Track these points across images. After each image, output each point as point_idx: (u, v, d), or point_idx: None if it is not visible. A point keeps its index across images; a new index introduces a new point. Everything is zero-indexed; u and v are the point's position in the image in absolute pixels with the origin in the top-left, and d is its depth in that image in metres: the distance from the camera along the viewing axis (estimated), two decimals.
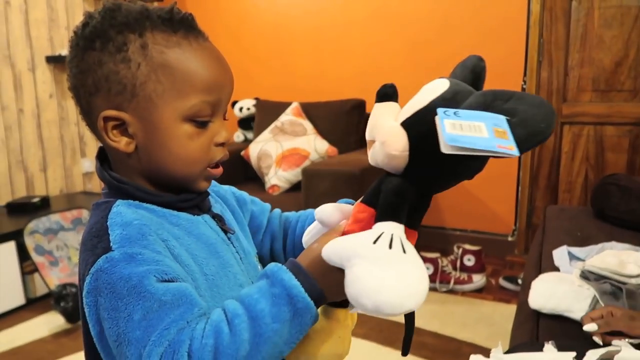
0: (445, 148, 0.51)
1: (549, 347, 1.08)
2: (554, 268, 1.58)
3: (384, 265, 0.52)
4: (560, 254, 1.63)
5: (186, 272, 0.62)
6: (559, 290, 1.33)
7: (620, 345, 1.06)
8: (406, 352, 0.66)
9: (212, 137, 0.66)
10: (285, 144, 2.92)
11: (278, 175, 2.83)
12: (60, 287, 2.36)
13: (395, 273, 0.52)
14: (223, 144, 0.68)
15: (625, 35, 2.62)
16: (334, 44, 3.32)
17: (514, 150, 0.50)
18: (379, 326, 2.18)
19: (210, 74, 0.64)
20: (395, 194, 0.57)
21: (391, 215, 0.56)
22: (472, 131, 0.51)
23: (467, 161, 0.55)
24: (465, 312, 2.38)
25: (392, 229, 0.55)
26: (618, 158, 2.71)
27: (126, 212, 0.63)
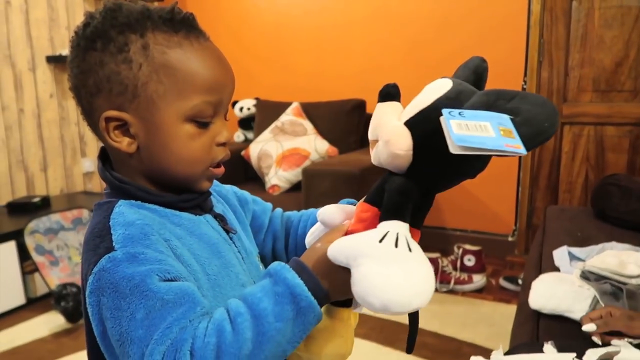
0: (454, 148, 0.51)
1: (548, 347, 1.08)
2: (554, 268, 1.58)
3: (391, 263, 0.52)
4: (560, 254, 1.63)
5: (188, 272, 0.62)
6: (559, 291, 1.33)
7: (620, 344, 1.06)
8: (411, 350, 0.66)
9: (213, 137, 0.66)
10: (285, 144, 2.92)
11: (278, 175, 2.83)
12: (61, 287, 2.37)
13: (402, 272, 0.52)
14: (224, 143, 0.68)
15: (626, 36, 2.62)
16: (335, 43, 3.32)
17: (522, 149, 0.51)
18: (379, 326, 2.17)
19: (211, 74, 0.64)
20: (399, 193, 0.57)
21: (396, 214, 0.56)
22: (479, 131, 0.51)
23: (472, 160, 0.55)
24: (465, 312, 2.38)
25: (397, 227, 0.55)
26: (618, 158, 2.71)
27: (128, 212, 0.63)
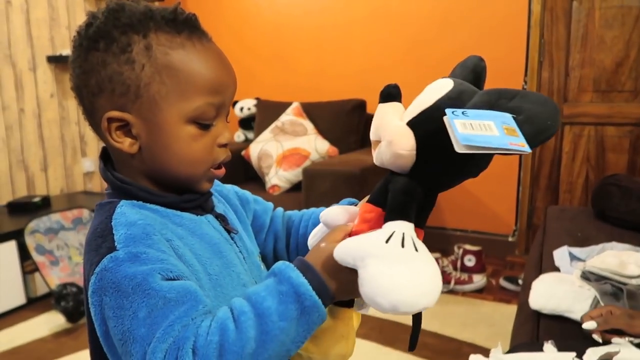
0: (460, 148, 0.51)
1: (548, 346, 1.09)
2: (554, 268, 1.58)
3: (398, 264, 0.52)
4: (560, 255, 1.63)
5: (190, 272, 0.62)
6: (560, 291, 1.33)
7: (620, 343, 1.06)
8: (413, 347, 0.66)
9: (215, 138, 0.66)
10: (285, 144, 2.92)
11: (278, 175, 2.83)
12: (61, 287, 2.37)
13: (409, 272, 0.52)
14: (225, 145, 0.68)
15: (626, 36, 2.62)
16: (335, 43, 3.32)
17: (526, 147, 0.51)
18: (379, 326, 2.18)
19: (213, 75, 0.64)
20: (403, 193, 0.57)
21: (401, 214, 0.56)
22: (483, 130, 0.52)
23: (476, 159, 0.55)
24: (465, 313, 2.38)
25: (402, 227, 0.55)
26: (619, 158, 2.71)
27: (130, 213, 0.63)
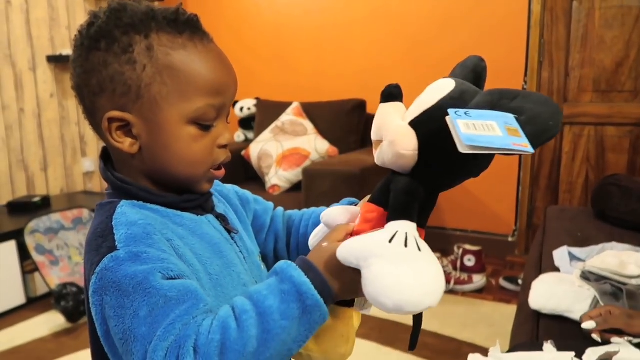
0: (463, 148, 0.51)
1: (548, 346, 1.09)
2: (554, 269, 1.58)
3: (402, 264, 0.52)
4: (560, 255, 1.64)
5: (191, 272, 0.62)
6: (560, 291, 1.33)
7: (619, 342, 1.06)
8: (413, 347, 0.66)
9: (215, 139, 0.66)
10: (285, 144, 2.92)
11: (278, 175, 2.83)
12: (61, 287, 2.37)
13: (413, 272, 0.52)
14: (226, 146, 0.68)
15: (626, 36, 2.62)
16: (335, 43, 3.32)
17: (529, 147, 0.51)
18: (379, 326, 2.18)
19: (214, 77, 0.64)
20: (405, 192, 0.57)
21: (403, 214, 0.56)
22: (486, 130, 0.52)
23: (478, 159, 0.56)
24: (465, 313, 2.39)
25: (405, 227, 0.55)
26: (619, 159, 2.72)
27: (131, 212, 0.63)
